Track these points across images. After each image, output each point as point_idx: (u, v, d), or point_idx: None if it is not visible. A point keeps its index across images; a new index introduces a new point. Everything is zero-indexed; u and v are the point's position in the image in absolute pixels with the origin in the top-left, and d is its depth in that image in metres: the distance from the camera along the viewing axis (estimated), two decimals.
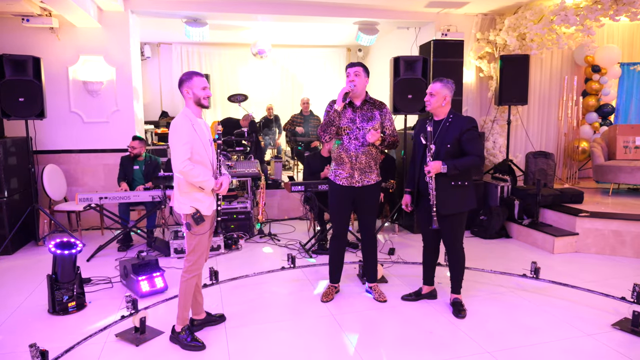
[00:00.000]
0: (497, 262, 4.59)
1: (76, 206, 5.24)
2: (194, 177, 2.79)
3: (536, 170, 6.10)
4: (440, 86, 3.23)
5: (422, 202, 3.36)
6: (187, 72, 2.93)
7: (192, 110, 2.90)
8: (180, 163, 2.75)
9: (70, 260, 3.45)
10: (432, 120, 3.28)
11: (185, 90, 2.88)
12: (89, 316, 3.43)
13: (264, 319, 3.34)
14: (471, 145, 3.16)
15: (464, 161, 3.16)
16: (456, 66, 5.81)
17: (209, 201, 2.92)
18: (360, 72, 3.37)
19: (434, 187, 3.17)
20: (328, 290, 3.70)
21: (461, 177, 3.20)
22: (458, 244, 3.37)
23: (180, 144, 2.76)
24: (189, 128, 2.81)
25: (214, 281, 3.64)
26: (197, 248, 2.93)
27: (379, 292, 3.68)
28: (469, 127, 3.16)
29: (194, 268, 2.95)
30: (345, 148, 3.40)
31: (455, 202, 3.22)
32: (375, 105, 3.47)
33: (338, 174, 3.46)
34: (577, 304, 3.57)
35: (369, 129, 3.36)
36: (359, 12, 6.49)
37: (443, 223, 3.25)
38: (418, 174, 3.32)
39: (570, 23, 5.64)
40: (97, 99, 5.91)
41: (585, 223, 4.95)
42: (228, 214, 5.52)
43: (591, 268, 4.46)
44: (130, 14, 5.88)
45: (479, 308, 3.50)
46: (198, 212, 2.85)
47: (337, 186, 3.47)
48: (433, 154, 3.17)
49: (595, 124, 7.35)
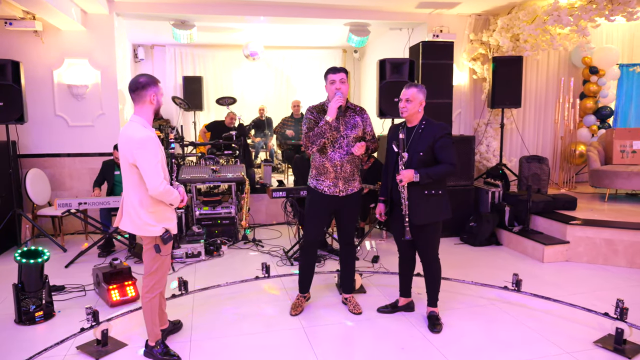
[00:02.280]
0: (484, 271, 4.45)
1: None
2: (169, 195, 2.63)
3: (529, 175, 5.94)
4: (416, 91, 3.10)
5: (395, 211, 3.24)
6: (151, 76, 2.67)
7: (146, 119, 2.65)
8: (160, 184, 2.54)
9: (36, 269, 3.38)
10: (404, 127, 3.16)
11: (151, 95, 2.64)
12: (56, 326, 3.35)
13: (232, 332, 3.24)
14: (445, 153, 3.04)
15: (437, 170, 3.03)
16: (446, 68, 5.66)
17: (175, 217, 2.79)
18: (345, 79, 3.24)
19: (407, 197, 3.05)
20: (297, 302, 3.57)
21: (435, 185, 3.07)
22: (433, 255, 3.25)
23: (155, 162, 2.54)
24: (157, 142, 2.60)
25: (183, 291, 3.55)
26: (161, 267, 2.80)
27: (354, 304, 3.56)
28: (442, 135, 3.04)
29: (158, 286, 2.81)
30: (329, 157, 3.26)
31: (429, 212, 3.10)
32: (356, 111, 3.35)
33: (320, 181, 3.33)
34: (560, 318, 3.43)
35: (353, 136, 3.25)
36: (349, 14, 6.38)
37: (417, 233, 3.13)
38: (391, 182, 3.20)
39: (564, 23, 5.48)
40: (82, 102, 5.85)
41: (577, 231, 4.79)
42: (212, 219, 5.44)
43: (581, 278, 4.31)
44: (115, 16, 5.82)
45: (456, 322, 3.37)
46: (168, 232, 2.69)
47: (319, 194, 3.33)
48: (405, 162, 3.05)
49: (593, 127, 7.17)
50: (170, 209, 2.74)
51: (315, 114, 3.30)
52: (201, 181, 5.45)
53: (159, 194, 2.56)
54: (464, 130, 6.79)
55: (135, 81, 2.64)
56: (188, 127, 8.95)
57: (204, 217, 5.41)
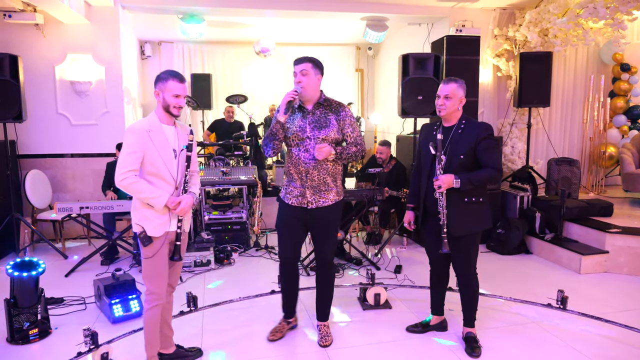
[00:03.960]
0: (516, 283, 4.09)
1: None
2: (137, 193, 2.40)
3: (559, 178, 5.56)
4: (456, 87, 2.76)
5: (429, 221, 2.89)
6: (167, 71, 2.54)
7: (158, 116, 2.53)
8: (120, 174, 2.37)
9: (30, 283, 3.07)
10: (440, 127, 2.81)
11: (156, 92, 2.50)
12: (51, 346, 3.04)
13: (244, 355, 2.90)
14: (488, 156, 2.69)
15: (479, 174, 2.68)
16: (472, 64, 5.31)
17: (159, 220, 2.48)
18: (308, 70, 2.76)
19: (445, 205, 2.70)
20: (279, 326, 3.11)
21: (476, 192, 2.73)
22: (471, 270, 2.89)
23: (125, 154, 2.40)
24: (141, 135, 2.41)
25: (192, 308, 3.22)
26: (153, 274, 2.51)
27: (324, 334, 3.04)
28: (485, 136, 2.69)
29: (152, 298, 2.52)
30: (294, 162, 2.82)
31: (469, 222, 2.75)
32: (331, 108, 2.85)
33: (289, 191, 2.88)
34: (611, 340, 3.06)
35: (321, 138, 2.76)
36: (366, 7, 6.03)
37: (454, 245, 2.77)
38: (425, 188, 2.85)
39: (600, 16, 5.09)
40: (85, 100, 5.55)
41: (617, 240, 4.41)
42: (222, 225, 5.12)
43: (625, 292, 3.93)
44: (120, 9, 5.51)
45: (495, 344, 3.01)
46: (144, 231, 2.44)
47: (286, 205, 2.88)
48: (444, 166, 2.70)
49: (624, 127, 6.76)
50: (149, 209, 2.46)
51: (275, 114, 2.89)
52: (210, 184, 5.13)
53: (120, 186, 2.41)
54: None
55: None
56: (196, 127, 8.62)
57: (214, 222, 5.09)
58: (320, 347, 2.97)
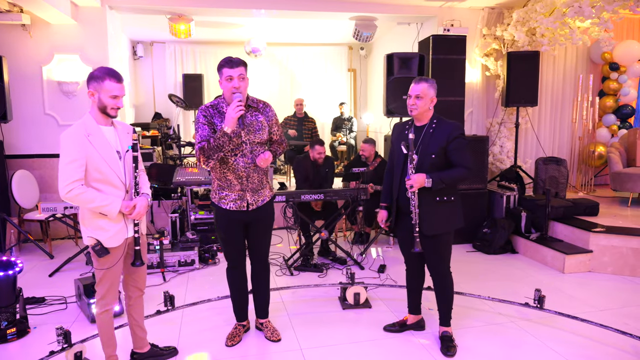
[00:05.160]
0: (500, 283, 4.10)
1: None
2: (86, 203, 2.26)
3: (546, 178, 5.56)
4: (427, 87, 2.75)
5: (402, 220, 2.90)
6: (102, 69, 2.31)
7: (94, 117, 2.34)
8: (64, 187, 2.20)
9: (7, 282, 3.08)
10: (412, 126, 2.81)
11: (90, 92, 2.29)
12: (29, 345, 3.05)
13: (218, 354, 2.91)
14: (459, 156, 2.69)
15: (451, 174, 2.69)
16: (458, 64, 5.30)
17: (115, 228, 2.37)
18: (244, 74, 2.71)
19: (417, 204, 2.70)
20: (234, 331, 3.09)
21: (447, 192, 2.73)
22: (444, 269, 2.90)
23: (65, 163, 2.22)
24: (80, 140, 2.24)
25: (169, 307, 3.22)
26: (104, 281, 2.44)
27: (271, 330, 3.11)
28: (456, 135, 2.69)
29: (103, 303, 2.48)
30: (232, 168, 2.75)
31: (441, 221, 2.76)
32: (258, 108, 2.83)
33: (223, 196, 2.82)
34: (589, 339, 3.06)
35: (257, 142, 2.76)
36: (355, 7, 6.02)
37: (427, 244, 2.78)
38: (397, 188, 2.85)
39: (585, 16, 5.09)
40: (73, 100, 5.55)
41: (601, 239, 4.41)
42: (208, 224, 5.12)
43: (607, 292, 3.93)
44: (108, 10, 5.51)
45: (472, 342, 3.02)
46: (99, 243, 2.33)
47: (224, 211, 2.83)
48: (415, 165, 2.70)
49: (613, 126, 6.76)
50: (102, 218, 2.33)
51: (209, 118, 2.72)
52: (196, 184, 5.13)
53: (67, 199, 2.24)
54: (476, 130, 6.42)
55: (89, 73, 2.35)
56: (188, 127, 8.65)
57: (200, 222, 5.10)
58: (272, 342, 3.04)
